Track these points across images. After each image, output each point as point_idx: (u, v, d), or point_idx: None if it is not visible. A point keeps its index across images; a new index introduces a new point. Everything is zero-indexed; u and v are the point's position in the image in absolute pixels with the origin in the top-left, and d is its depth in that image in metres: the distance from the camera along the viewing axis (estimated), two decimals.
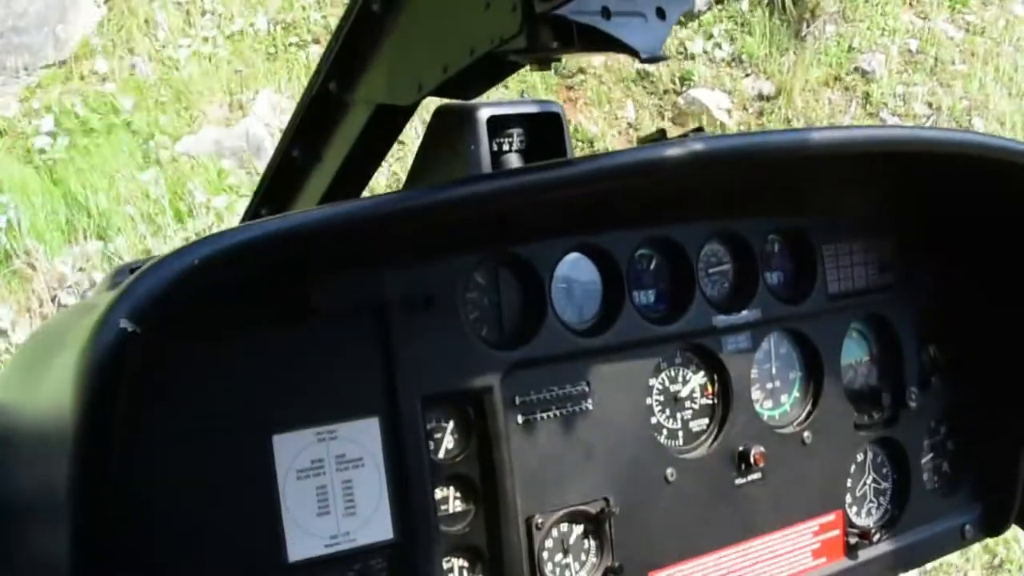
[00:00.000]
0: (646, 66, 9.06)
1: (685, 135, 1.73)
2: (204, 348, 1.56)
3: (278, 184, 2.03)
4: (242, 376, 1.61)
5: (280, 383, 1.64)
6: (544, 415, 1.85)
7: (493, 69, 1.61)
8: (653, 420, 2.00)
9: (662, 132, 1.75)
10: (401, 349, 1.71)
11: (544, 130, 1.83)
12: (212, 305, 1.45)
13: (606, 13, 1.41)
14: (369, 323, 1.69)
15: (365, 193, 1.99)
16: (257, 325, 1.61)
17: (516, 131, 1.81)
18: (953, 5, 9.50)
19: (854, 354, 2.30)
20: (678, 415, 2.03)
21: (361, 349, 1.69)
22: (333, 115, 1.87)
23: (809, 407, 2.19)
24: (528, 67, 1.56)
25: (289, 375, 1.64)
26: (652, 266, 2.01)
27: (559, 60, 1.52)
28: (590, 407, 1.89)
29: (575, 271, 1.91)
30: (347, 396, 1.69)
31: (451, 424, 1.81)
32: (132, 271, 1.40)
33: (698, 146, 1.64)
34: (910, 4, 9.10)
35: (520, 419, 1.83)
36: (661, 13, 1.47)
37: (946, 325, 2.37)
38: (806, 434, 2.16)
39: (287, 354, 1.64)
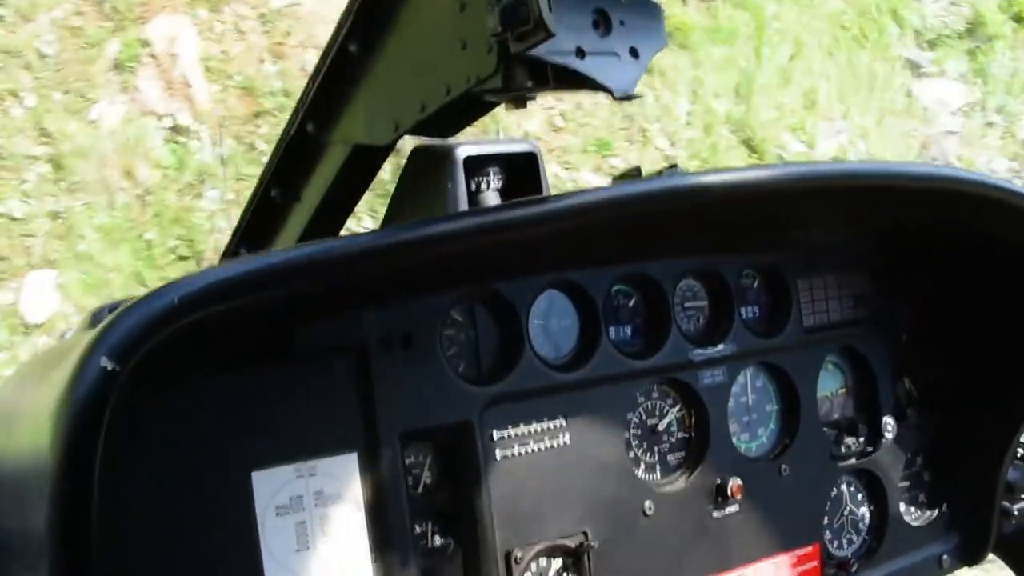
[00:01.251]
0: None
1: (660, 172, 1.76)
2: (185, 385, 1.56)
3: (257, 223, 2.05)
4: (222, 413, 1.61)
5: (260, 420, 1.64)
6: (522, 450, 1.85)
7: (469, 108, 1.64)
8: (631, 454, 2.01)
9: (637, 169, 1.78)
10: (380, 386, 1.72)
11: (521, 169, 1.86)
12: (192, 343, 1.45)
13: (580, 53, 1.44)
14: (348, 360, 1.70)
15: (345, 231, 2.01)
16: (237, 362, 1.61)
17: (493, 170, 1.83)
18: (599, 152, 8.77)
19: (830, 386, 2.32)
20: (655, 448, 2.04)
21: (340, 386, 1.70)
22: (311, 155, 1.89)
23: (786, 439, 2.21)
24: (504, 106, 1.59)
25: (269, 412, 1.65)
26: (628, 302, 2.03)
27: (534, 98, 1.54)
28: (568, 441, 1.90)
29: (552, 307, 1.93)
30: (326, 433, 1.69)
31: (430, 459, 1.82)
32: (111, 310, 1.40)
33: (673, 183, 1.66)
34: (556, 157, 8.55)
35: (498, 454, 1.84)
36: (635, 52, 1.50)
37: (921, 357, 2.40)
38: (783, 466, 2.18)
39: (267, 391, 1.64)
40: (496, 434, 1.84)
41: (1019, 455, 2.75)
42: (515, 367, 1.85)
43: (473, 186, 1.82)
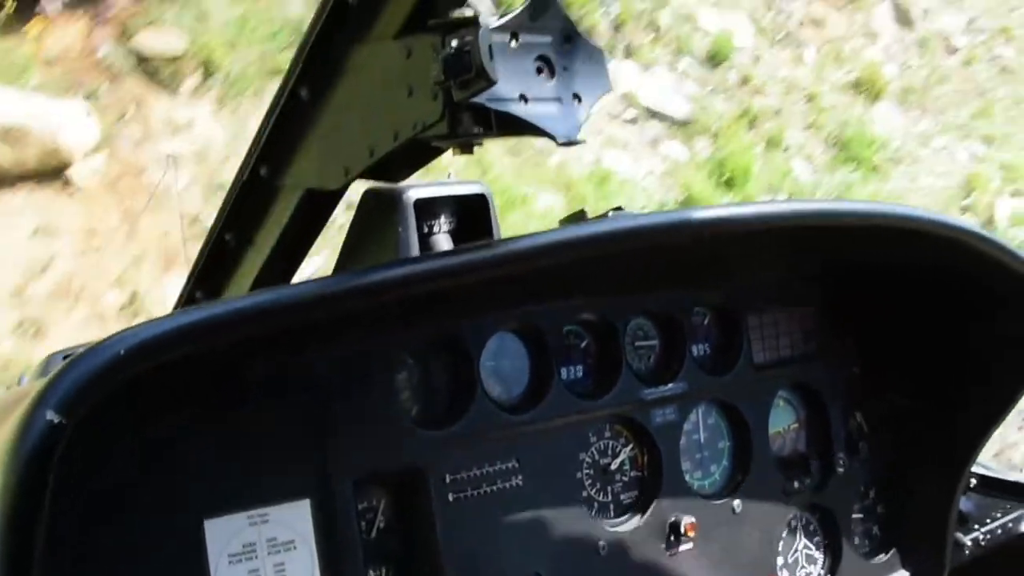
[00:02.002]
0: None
1: (605, 214, 1.78)
2: (136, 433, 1.56)
3: (211, 268, 2.05)
4: (175, 460, 1.60)
5: (212, 467, 1.63)
6: (475, 492, 1.86)
7: (418, 153, 1.65)
8: (584, 494, 2.01)
9: (582, 212, 1.81)
10: (332, 431, 1.72)
11: (471, 211, 1.88)
12: (143, 391, 1.45)
13: (524, 99, 1.46)
14: (300, 406, 1.70)
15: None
16: (189, 409, 1.61)
17: (444, 212, 1.85)
18: None
19: (782, 422, 2.35)
20: (609, 488, 2.05)
21: (293, 432, 1.70)
22: (264, 200, 1.90)
23: (738, 476, 2.22)
24: (451, 152, 1.61)
25: (222, 459, 1.64)
26: (580, 342, 2.04)
27: (481, 144, 1.57)
28: (521, 483, 1.90)
29: (503, 349, 1.94)
30: (279, 479, 1.69)
31: (383, 504, 1.82)
32: (65, 358, 1.40)
33: (618, 225, 1.69)
34: None
35: (451, 497, 1.84)
36: (578, 97, 1.52)
37: (871, 391, 2.43)
38: (736, 503, 2.19)
39: (219, 438, 1.64)
40: (449, 477, 1.84)
41: (971, 485, 2.79)
42: (467, 410, 1.86)
43: (425, 228, 1.84)
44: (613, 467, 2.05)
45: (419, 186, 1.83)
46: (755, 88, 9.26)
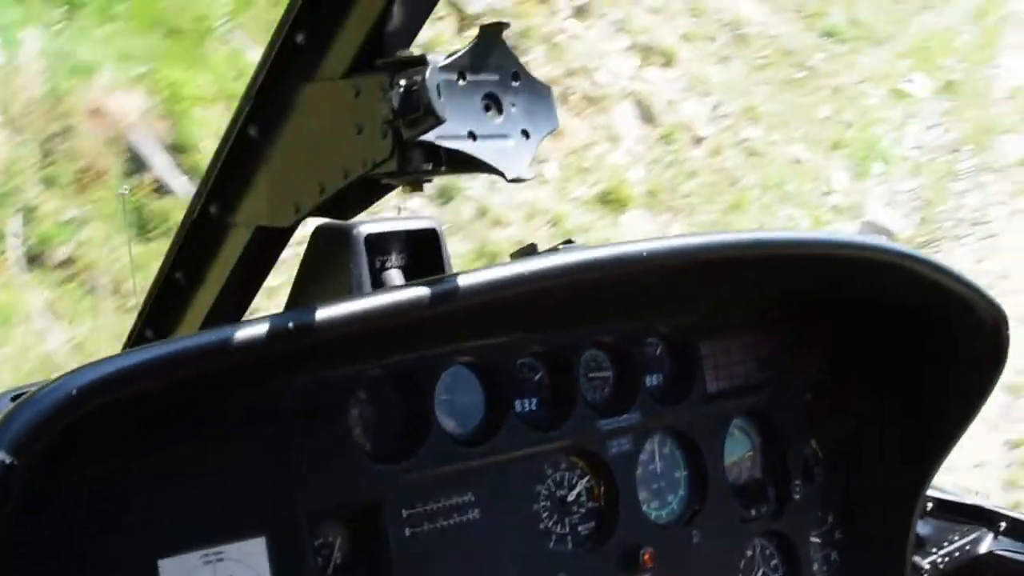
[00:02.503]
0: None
1: (556, 247, 1.80)
2: (87, 471, 1.54)
3: (161, 306, 2.04)
4: (127, 499, 1.59)
5: (166, 505, 1.62)
6: (431, 526, 1.85)
7: (368, 191, 1.66)
8: (541, 526, 2.01)
9: (533, 246, 1.82)
10: (286, 466, 1.71)
11: (423, 246, 1.89)
12: (93, 429, 1.44)
13: (472, 136, 1.48)
14: (254, 442, 1.69)
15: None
16: (141, 447, 1.60)
17: (395, 248, 1.86)
18: None
19: (737, 450, 2.36)
20: (566, 520, 2.05)
21: (247, 468, 1.69)
22: (214, 237, 1.89)
23: (695, 505, 2.23)
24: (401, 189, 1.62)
25: (175, 497, 1.63)
26: (534, 375, 2.05)
27: (430, 180, 1.58)
28: (477, 516, 1.90)
29: (457, 383, 1.94)
30: (233, 516, 1.68)
31: (339, 539, 1.81)
32: (14, 399, 1.40)
33: (568, 258, 1.70)
34: None
35: (408, 532, 1.83)
36: (526, 134, 1.54)
37: (827, 418, 2.45)
38: (694, 532, 2.20)
39: (172, 475, 1.63)
40: (405, 512, 1.83)
41: (928, 509, 2.82)
42: (422, 444, 1.86)
43: (377, 263, 1.84)
44: (570, 499, 2.05)
45: (370, 222, 1.83)
46: (493, 219, 8.26)
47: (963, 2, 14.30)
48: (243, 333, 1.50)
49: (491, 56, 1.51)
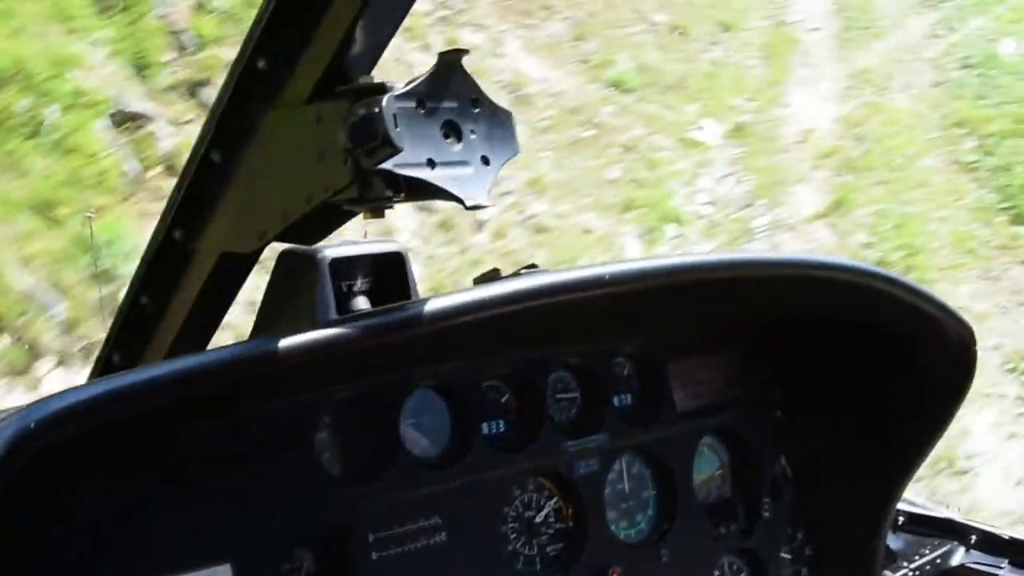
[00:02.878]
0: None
1: (518, 272, 1.80)
2: (52, 500, 1.54)
3: (128, 332, 2.03)
4: (94, 526, 1.58)
5: (132, 533, 1.61)
6: (399, 550, 1.85)
7: (330, 217, 1.67)
8: (509, 548, 2.02)
9: (496, 271, 1.82)
10: (253, 492, 1.71)
11: (388, 270, 1.89)
12: (59, 458, 1.44)
13: (431, 164, 1.48)
14: (220, 468, 1.69)
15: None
16: (107, 476, 1.59)
17: (360, 272, 1.86)
18: None
19: (706, 468, 2.37)
20: (534, 541, 2.06)
21: (212, 495, 1.68)
22: (179, 263, 1.89)
23: (664, 525, 2.24)
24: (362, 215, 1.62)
25: (142, 524, 1.62)
26: (501, 397, 2.05)
27: (391, 207, 1.58)
28: (444, 539, 1.90)
29: (424, 406, 1.94)
30: (199, 544, 1.67)
31: (307, 564, 1.80)
32: None
33: (530, 282, 1.71)
34: None
35: (375, 556, 1.83)
36: (486, 160, 1.55)
37: (796, 435, 2.47)
38: (663, 551, 2.21)
39: (139, 503, 1.62)
40: (372, 536, 1.83)
41: (900, 523, 2.84)
42: (389, 468, 1.86)
43: (344, 288, 1.84)
44: (538, 520, 2.06)
45: (335, 246, 1.83)
46: None
47: (751, 34, 13.48)
48: (208, 362, 1.50)
49: (450, 83, 1.52)
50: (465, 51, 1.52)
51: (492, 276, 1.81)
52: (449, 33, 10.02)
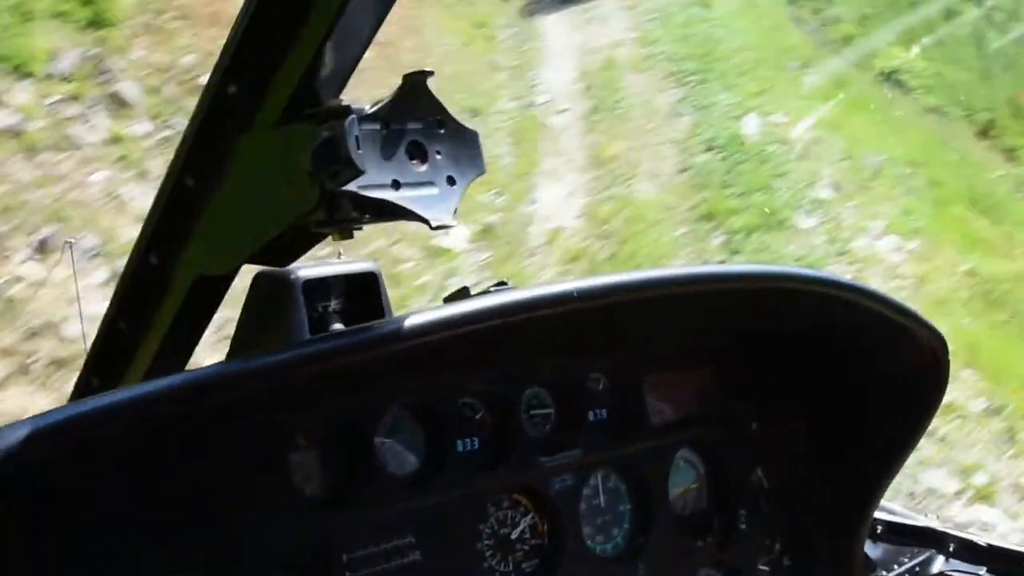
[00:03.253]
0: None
1: (488, 290, 1.83)
2: (16, 527, 1.54)
3: (106, 355, 2.05)
4: (62, 554, 1.57)
5: (102, 558, 1.61)
6: (373, 570, 1.86)
7: (302, 239, 1.69)
8: (484, 565, 2.03)
9: (465, 289, 1.85)
10: (225, 516, 1.72)
11: (362, 289, 1.91)
12: (26, 484, 1.45)
13: (396, 185, 1.51)
14: (190, 492, 1.69)
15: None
16: (75, 499, 1.60)
17: (334, 293, 1.88)
18: None
19: (683, 482, 2.38)
20: (510, 558, 2.06)
21: (183, 519, 1.69)
22: (155, 286, 1.91)
23: (641, 539, 2.25)
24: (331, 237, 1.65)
25: (112, 549, 1.62)
26: (475, 414, 2.06)
27: (361, 228, 1.61)
28: (418, 558, 1.91)
29: (397, 425, 1.95)
30: (172, 568, 1.67)
31: None
32: None
33: (500, 299, 1.73)
34: None
35: None
36: (451, 181, 1.58)
37: (772, 447, 2.49)
38: (640, 566, 2.22)
39: (108, 527, 1.62)
40: (346, 556, 1.84)
41: (879, 531, 2.86)
42: (362, 487, 1.87)
43: (319, 308, 1.87)
44: (514, 536, 2.07)
45: (309, 267, 1.86)
46: None
47: (500, 118, 12.84)
48: (177, 386, 1.51)
49: (415, 104, 1.55)
50: (430, 72, 1.55)
51: (462, 294, 1.83)
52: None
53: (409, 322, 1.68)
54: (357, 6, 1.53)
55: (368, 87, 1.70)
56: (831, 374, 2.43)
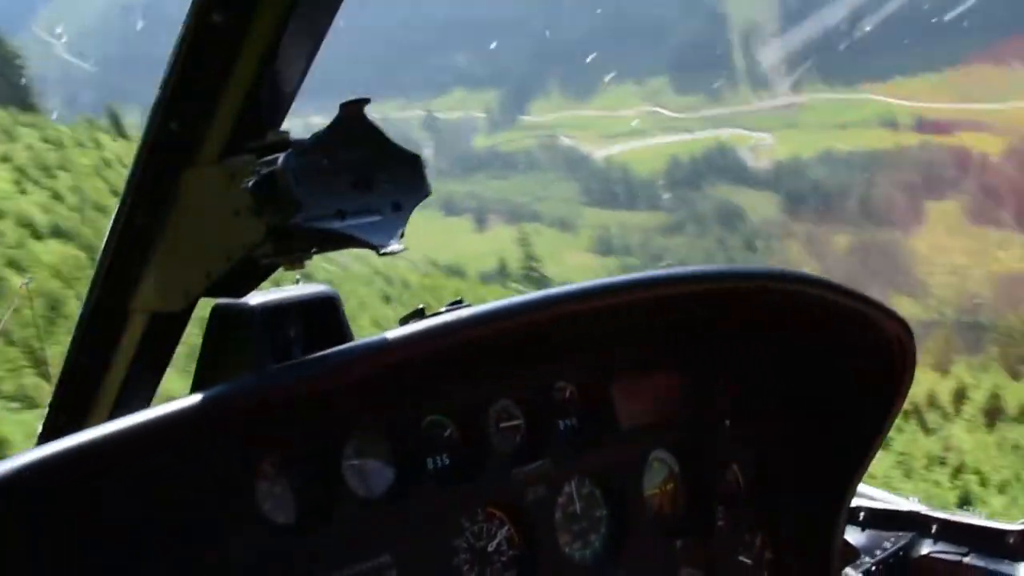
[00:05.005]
0: None
1: (443, 309, 1.83)
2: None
3: (70, 393, 2.05)
4: None
5: None
6: None
7: (252, 271, 1.69)
8: None
9: (420, 310, 1.85)
10: (197, 548, 1.71)
11: (320, 314, 1.91)
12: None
13: (341, 215, 1.51)
14: (162, 523, 1.69)
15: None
16: (45, 535, 1.59)
17: (293, 319, 1.88)
18: None
19: (658, 483, 2.39)
20: (487, 571, 2.07)
21: (155, 551, 1.68)
22: (113, 325, 1.91)
23: (619, 542, 2.26)
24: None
25: None
26: (444, 431, 2.06)
27: (310, 257, 1.61)
28: None
29: (365, 446, 1.95)
30: None
31: None
32: None
33: (453, 317, 1.74)
34: None
35: None
36: (397, 206, 1.58)
37: (745, 443, 2.50)
38: (620, 571, 2.22)
39: (80, 563, 1.62)
40: None
41: (861, 518, 2.88)
42: (334, 511, 1.87)
43: (278, 335, 1.86)
44: (490, 549, 2.07)
45: (266, 294, 1.86)
46: None
47: None
48: (140, 426, 1.52)
49: (354, 133, 1.54)
50: (367, 100, 1.54)
51: (417, 315, 1.84)
52: None
53: (369, 345, 1.68)
54: (291, 38, 1.53)
55: None
56: (801, 368, 2.44)
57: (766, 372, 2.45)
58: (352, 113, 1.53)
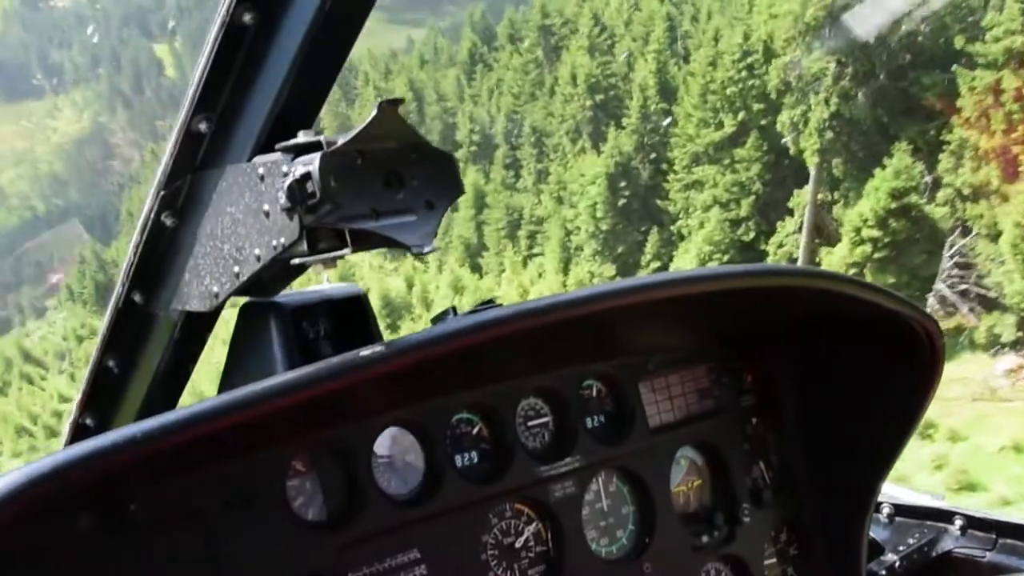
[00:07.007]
0: None
1: (475, 309, 1.82)
2: (19, 566, 1.54)
3: (97, 394, 2.04)
4: None
5: None
6: None
7: (283, 272, 1.68)
8: (490, 574, 2.03)
9: (453, 308, 1.84)
10: (225, 547, 1.71)
11: (349, 313, 1.90)
12: (26, 521, 1.45)
13: (375, 214, 1.50)
14: (189, 527, 1.69)
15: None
16: (75, 537, 1.59)
17: (322, 318, 1.88)
18: None
19: (684, 480, 2.39)
20: (515, 566, 2.07)
21: (183, 554, 1.69)
22: (141, 325, 1.90)
23: (645, 538, 2.26)
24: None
25: None
26: (472, 429, 2.07)
27: (343, 257, 1.60)
28: (425, 572, 1.92)
29: (395, 444, 1.96)
30: None
31: None
32: None
33: (485, 316, 1.73)
34: None
35: None
36: (430, 205, 1.56)
37: (772, 440, 2.49)
38: (646, 566, 2.22)
39: (107, 564, 1.62)
40: (351, 575, 1.84)
41: (887, 513, 2.86)
42: (364, 508, 1.87)
43: (309, 335, 1.86)
44: (518, 545, 2.07)
45: (295, 294, 1.85)
46: None
47: None
48: (172, 424, 1.50)
49: (388, 133, 1.53)
50: (401, 100, 1.53)
51: (448, 314, 1.83)
52: None
53: (397, 345, 1.67)
54: (322, 38, 1.52)
55: None
56: (828, 365, 2.43)
57: (795, 369, 2.44)
58: (386, 112, 1.52)
